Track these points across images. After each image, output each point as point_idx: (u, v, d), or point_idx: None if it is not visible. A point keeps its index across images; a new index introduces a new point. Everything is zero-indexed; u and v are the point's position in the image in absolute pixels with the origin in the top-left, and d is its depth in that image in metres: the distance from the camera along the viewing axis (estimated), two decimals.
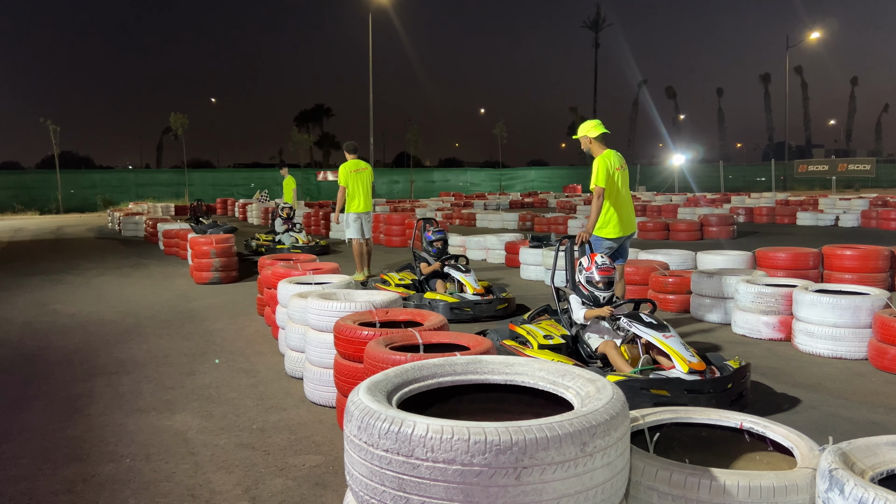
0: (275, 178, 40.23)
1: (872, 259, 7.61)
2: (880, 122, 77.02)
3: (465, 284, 7.16)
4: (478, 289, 7.06)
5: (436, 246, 7.66)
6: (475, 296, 6.97)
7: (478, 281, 7.24)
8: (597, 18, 71.42)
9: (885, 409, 4.13)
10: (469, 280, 7.16)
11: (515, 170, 51.73)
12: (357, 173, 9.45)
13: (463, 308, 6.69)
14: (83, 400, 4.53)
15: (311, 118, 71.88)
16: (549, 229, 16.73)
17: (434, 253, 7.63)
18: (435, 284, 7.42)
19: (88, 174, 39.35)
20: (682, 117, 76.87)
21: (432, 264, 7.49)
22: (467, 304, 6.74)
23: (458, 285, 7.30)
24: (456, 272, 7.31)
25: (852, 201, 20.98)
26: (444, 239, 7.76)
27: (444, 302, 6.73)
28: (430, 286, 7.47)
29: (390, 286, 7.64)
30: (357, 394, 1.93)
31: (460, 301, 6.78)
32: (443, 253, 7.66)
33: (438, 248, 7.66)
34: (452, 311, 6.61)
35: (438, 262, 7.47)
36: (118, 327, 6.84)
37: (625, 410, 1.89)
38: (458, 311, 6.65)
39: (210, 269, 9.61)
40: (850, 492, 1.68)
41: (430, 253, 7.67)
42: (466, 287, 7.12)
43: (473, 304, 6.74)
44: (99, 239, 18.14)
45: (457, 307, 6.68)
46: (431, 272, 7.49)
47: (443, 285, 7.35)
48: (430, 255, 7.63)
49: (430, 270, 7.49)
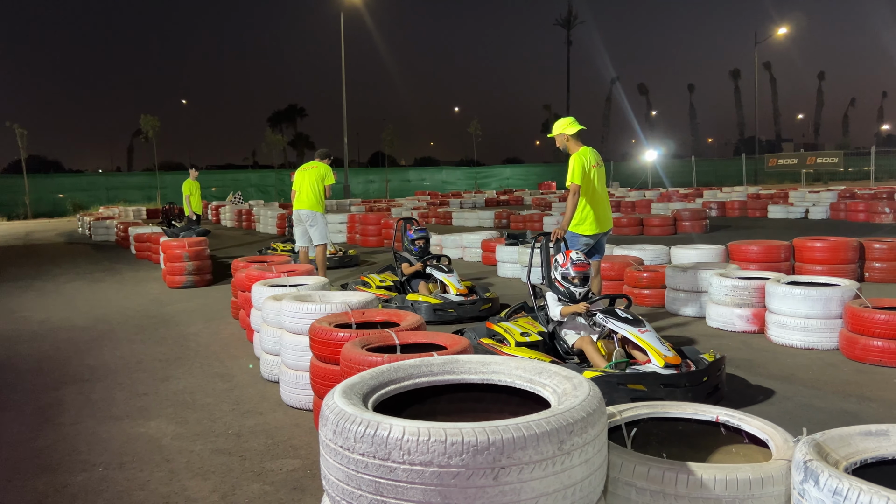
0: (248, 179, 39.95)
1: (842, 251, 7.74)
2: (847, 116, 78.68)
3: (447, 285, 6.99)
4: (461, 289, 6.89)
5: (417, 245, 7.48)
6: (458, 296, 6.80)
7: (461, 281, 7.07)
8: (569, 16, 71.90)
9: (857, 399, 4.19)
10: (452, 280, 6.98)
11: (491, 168, 51.86)
12: (303, 171, 8.86)
13: (446, 309, 6.51)
14: (54, 409, 4.44)
15: (284, 118, 71.40)
16: (524, 227, 16.79)
17: (416, 252, 7.44)
18: (417, 285, 7.23)
19: (57, 178, 38.69)
20: (654, 113, 77.76)
21: (414, 265, 7.29)
22: (450, 305, 6.56)
23: (440, 286, 7.13)
24: (438, 272, 7.13)
25: (821, 194, 21.32)
26: (425, 238, 7.57)
27: (427, 303, 6.54)
28: (412, 287, 7.29)
29: (371, 288, 7.43)
30: (332, 397, 1.90)
31: (443, 302, 6.60)
32: (425, 253, 7.48)
33: (420, 248, 7.48)
34: (436, 312, 6.45)
35: (420, 262, 7.29)
36: (90, 333, 6.72)
37: (601, 407, 1.89)
38: (441, 313, 6.47)
39: (183, 272, 9.48)
40: (824, 483, 1.70)
41: (411, 253, 7.46)
42: (449, 288, 6.95)
43: (457, 306, 6.56)
44: (69, 244, 17.83)
45: (440, 308, 6.51)
46: (413, 273, 7.29)
47: (425, 286, 7.16)
48: (412, 255, 7.42)
49: (411, 271, 7.29)
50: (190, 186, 14.50)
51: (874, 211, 15.85)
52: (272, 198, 35.60)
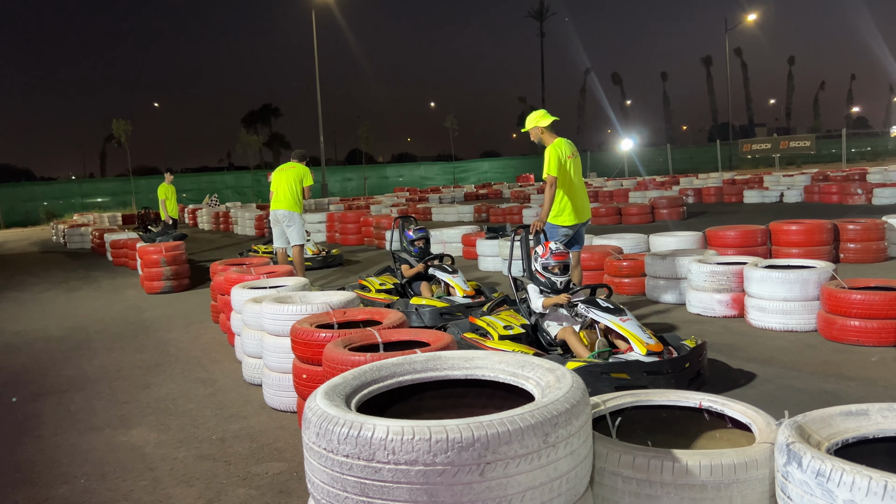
0: (224, 181, 39.57)
1: (817, 233, 7.84)
2: (818, 100, 79.53)
3: (452, 286, 6.53)
4: (467, 290, 6.43)
5: (417, 245, 7.02)
6: (465, 298, 6.32)
7: (466, 281, 6.61)
8: (541, 8, 71.96)
9: (837, 378, 4.25)
10: (457, 281, 6.52)
11: (468, 162, 51.82)
12: (281, 171, 8.77)
13: (454, 313, 5.96)
14: (33, 421, 4.37)
15: (258, 119, 70.68)
16: (504, 219, 16.82)
17: (416, 253, 6.99)
18: (419, 288, 6.73)
19: (29, 186, 37.96)
20: (628, 102, 78.01)
21: (415, 266, 6.85)
22: (458, 307, 6.04)
23: (444, 287, 6.68)
24: (442, 273, 6.66)
25: (795, 177, 21.59)
26: (425, 238, 7.11)
27: (432, 307, 6.04)
28: (413, 290, 6.82)
29: (371, 292, 6.99)
30: (314, 399, 1.88)
31: (450, 305, 6.10)
32: (425, 253, 7.01)
33: (420, 248, 7.02)
34: (442, 316, 5.91)
35: (421, 263, 6.84)
36: (67, 343, 6.62)
37: (585, 398, 1.89)
38: (448, 317, 5.88)
39: (161, 277, 9.37)
40: (807, 464, 1.71)
41: (411, 254, 7.01)
42: (455, 289, 6.49)
43: (465, 308, 6.00)
44: (44, 253, 17.55)
45: (447, 312, 5.97)
46: (415, 274, 6.84)
47: (428, 288, 6.68)
48: (412, 256, 6.97)
49: (412, 273, 6.83)
50: (165, 190, 14.33)
51: (847, 192, 16.09)
52: (249, 199, 35.28)
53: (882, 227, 8.24)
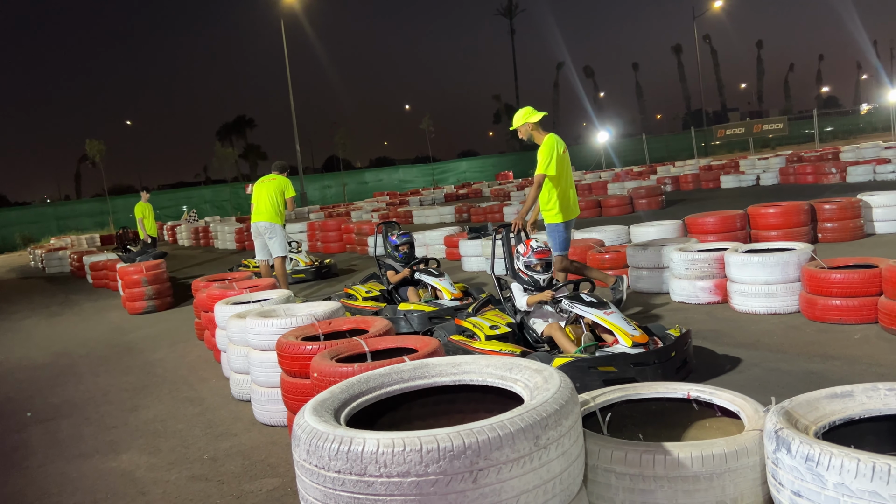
0: (202, 196, 39.27)
1: (794, 214, 7.93)
2: (787, 81, 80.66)
3: (440, 290, 6.47)
4: (455, 293, 6.37)
5: (402, 251, 6.93)
6: (453, 301, 6.25)
7: (453, 284, 6.55)
8: (509, 5, 72.15)
9: (821, 358, 4.30)
10: (444, 284, 6.46)
11: (447, 163, 51.82)
12: (261, 183, 8.69)
13: (442, 317, 5.88)
14: (20, 452, 4.30)
15: (233, 131, 70.19)
16: (485, 218, 16.86)
17: (401, 258, 6.91)
18: (406, 293, 6.66)
19: (3, 213, 37.42)
20: (602, 95, 78.56)
21: (400, 271, 6.78)
22: (446, 311, 5.96)
23: (431, 291, 6.62)
24: (428, 277, 6.61)
25: (770, 160, 21.79)
26: (410, 242, 7.02)
27: (421, 312, 5.96)
28: (400, 295, 6.75)
29: (357, 300, 6.87)
30: (303, 416, 1.87)
31: (438, 309, 6.01)
32: (410, 258, 6.95)
33: (405, 253, 6.93)
34: (431, 320, 5.83)
35: (407, 268, 6.78)
36: (51, 370, 6.53)
37: (574, 397, 1.89)
38: (437, 321, 5.80)
39: (143, 297, 9.28)
40: (796, 450, 1.73)
41: (396, 259, 6.95)
42: (442, 293, 6.43)
43: (453, 311, 5.92)
44: (22, 279, 17.31)
45: (436, 316, 5.89)
46: (401, 280, 6.77)
47: (415, 293, 6.62)
48: (397, 262, 6.92)
49: (398, 278, 6.76)
50: (143, 209, 14.15)
51: (821, 172, 16.28)
52: (228, 212, 35.03)
53: (858, 205, 8.34)
